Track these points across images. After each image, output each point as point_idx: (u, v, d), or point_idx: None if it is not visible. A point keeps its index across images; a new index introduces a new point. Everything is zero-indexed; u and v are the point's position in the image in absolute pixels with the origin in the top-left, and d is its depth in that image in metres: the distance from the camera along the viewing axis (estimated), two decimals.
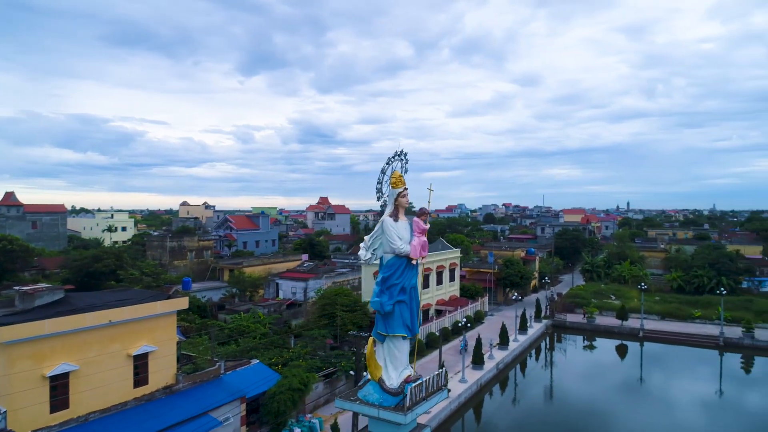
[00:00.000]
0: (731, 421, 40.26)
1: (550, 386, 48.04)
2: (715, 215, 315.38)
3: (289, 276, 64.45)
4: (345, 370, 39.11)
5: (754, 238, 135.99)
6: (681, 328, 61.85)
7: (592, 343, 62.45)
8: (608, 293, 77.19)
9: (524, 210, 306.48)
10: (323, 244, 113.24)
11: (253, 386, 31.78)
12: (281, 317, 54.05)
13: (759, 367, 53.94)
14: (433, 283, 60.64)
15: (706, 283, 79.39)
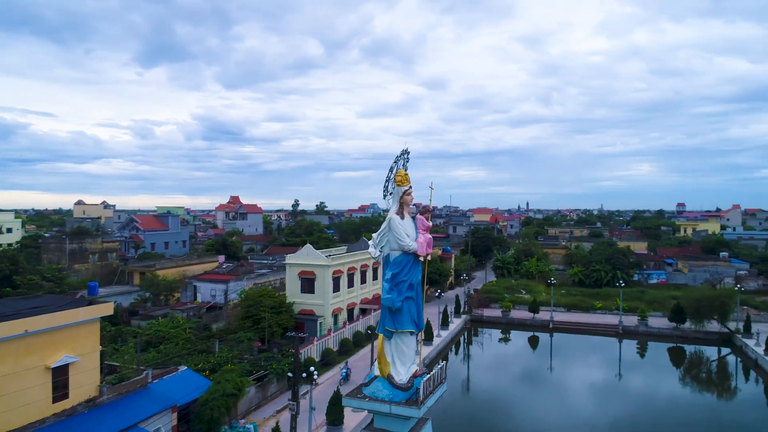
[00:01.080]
0: (629, 401, 44.18)
1: (467, 378, 49.99)
2: (603, 215, 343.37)
3: (207, 278, 61.78)
4: (276, 372, 38.23)
5: (639, 235, 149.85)
6: (585, 318, 66.91)
7: (507, 336, 65.79)
8: (519, 288, 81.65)
9: (434, 210, 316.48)
10: (237, 244, 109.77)
11: (184, 394, 30.20)
12: (201, 321, 51.74)
13: (651, 351, 59.57)
14: (358, 282, 60.86)
15: (603, 277, 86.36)
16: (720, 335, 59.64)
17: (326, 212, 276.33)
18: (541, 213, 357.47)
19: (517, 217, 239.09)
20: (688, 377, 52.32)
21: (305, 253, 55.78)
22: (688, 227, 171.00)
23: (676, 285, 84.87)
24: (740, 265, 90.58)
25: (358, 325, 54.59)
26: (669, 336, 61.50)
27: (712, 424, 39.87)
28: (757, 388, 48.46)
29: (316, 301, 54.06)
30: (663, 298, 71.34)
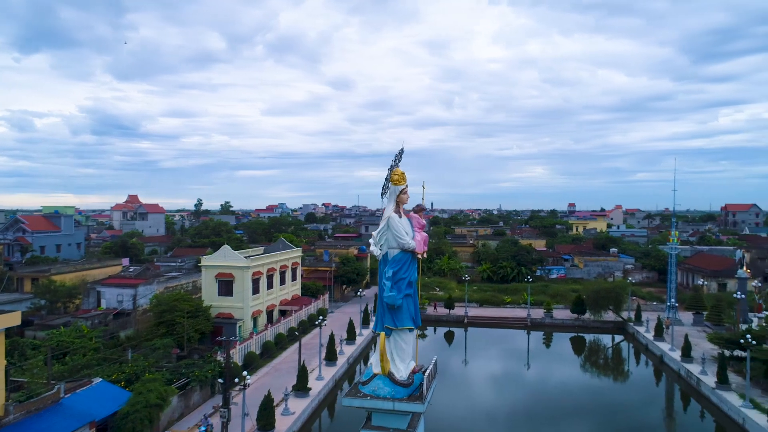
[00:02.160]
0: (535, 388, 47.11)
1: None
2: (503, 214, 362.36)
3: (113, 283, 57.40)
4: (199, 379, 36.47)
5: (538, 233, 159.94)
6: (497, 312, 70.35)
7: (423, 332, 67.45)
8: (433, 286, 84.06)
9: (343, 210, 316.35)
10: (138, 246, 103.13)
11: (102, 408, 28.00)
12: (109, 329, 48.02)
13: (556, 341, 63.86)
14: (277, 283, 59.58)
15: (509, 273, 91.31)
16: (615, 324, 65.36)
17: (232, 212, 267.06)
18: (446, 213, 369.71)
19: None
20: (588, 363, 56.68)
21: (223, 255, 53.66)
22: (580, 225, 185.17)
23: (573, 279, 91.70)
24: (627, 259, 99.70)
25: (280, 327, 53.47)
26: (571, 326, 66.37)
27: (610, 404, 43.46)
28: (647, 370, 53.57)
29: (235, 304, 52.22)
30: (564, 291, 76.81)
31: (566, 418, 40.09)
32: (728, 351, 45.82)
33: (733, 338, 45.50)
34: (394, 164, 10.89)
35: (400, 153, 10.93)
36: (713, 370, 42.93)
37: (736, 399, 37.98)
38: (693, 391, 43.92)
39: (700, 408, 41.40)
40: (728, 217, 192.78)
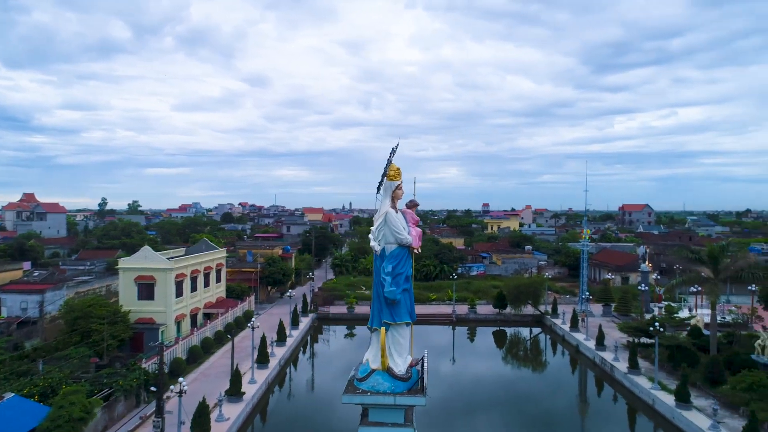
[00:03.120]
0: (459, 381, 48.25)
1: (312, 379, 49.78)
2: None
3: (15, 288, 52.31)
4: (124, 389, 34.18)
5: (455, 232, 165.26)
6: (423, 310, 71.68)
7: (352, 331, 67.52)
8: (360, 285, 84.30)
9: (260, 209, 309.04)
10: (38, 249, 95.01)
11: (17, 425, 25.53)
12: (12, 339, 43.78)
13: (479, 335, 66.30)
14: (201, 285, 57.19)
15: (432, 271, 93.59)
16: (534, 317, 69.00)
17: (141, 212, 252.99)
18: (365, 213, 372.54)
19: (345, 216, 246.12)
20: (509, 355, 59.45)
21: (143, 256, 50.67)
22: (494, 225, 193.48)
23: (492, 276, 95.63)
24: (540, 256, 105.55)
25: (206, 331, 51.34)
26: (494, 320, 69.26)
27: (530, 392, 45.70)
28: (564, 359, 57.01)
29: (157, 308, 49.55)
30: (486, 287, 79.93)
31: (486, 408, 41.35)
32: (636, 338, 49.88)
33: (640, 327, 49.58)
34: (389, 160, 10.89)
35: (395, 149, 10.96)
36: (625, 356, 46.51)
37: (646, 382, 41.36)
38: (607, 377, 47.34)
39: (613, 392, 44.69)
40: (625, 217, 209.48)
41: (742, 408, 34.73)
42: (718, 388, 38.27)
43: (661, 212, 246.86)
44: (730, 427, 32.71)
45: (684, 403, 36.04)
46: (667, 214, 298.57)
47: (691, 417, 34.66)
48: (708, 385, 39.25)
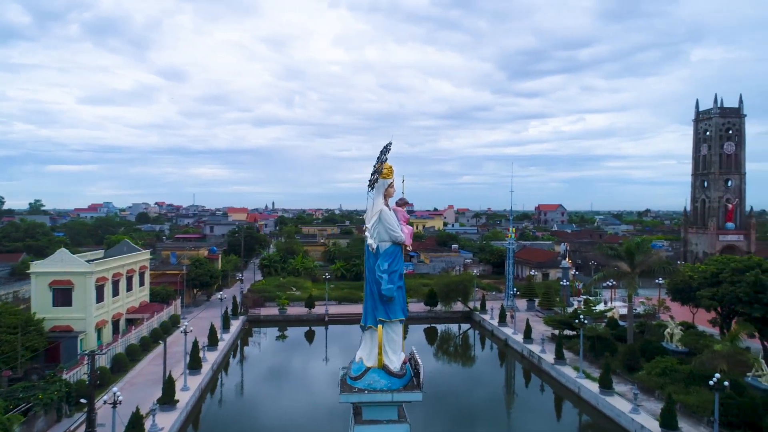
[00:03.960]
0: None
1: (241, 383, 48.78)
2: (345, 213, 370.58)
3: None
4: (44, 403, 31.55)
5: None
6: (355, 309, 71.79)
7: (284, 333, 66.37)
8: (289, 285, 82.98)
9: (179, 209, 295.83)
10: None
11: None
12: None
13: (411, 332, 67.23)
14: (123, 289, 53.95)
15: (363, 270, 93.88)
16: (463, 313, 71.14)
17: (45, 212, 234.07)
18: (288, 212, 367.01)
19: (269, 216, 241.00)
20: (440, 351, 60.99)
21: (59, 260, 47.02)
22: (419, 224, 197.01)
23: (421, 274, 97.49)
24: (466, 254, 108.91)
25: (131, 338, 48.48)
26: (425, 318, 70.69)
27: (461, 386, 47.12)
28: (494, 353, 59.29)
29: (76, 315, 46.18)
30: (416, 285, 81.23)
31: (418, 404, 42.20)
32: (560, 331, 52.83)
33: (564, 320, 52.54)
34: (384, 158, 10.86)
35: (388, 147, 10.94)
36: (551, 348, 49.10)
37: (571, 372, 43.93)
38: (535, 368, 49.77)
39: (541, 382, 47.10)
40: (541, 216, 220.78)
41: (657, 391, 37.79)
42: (635, 374, 41.37)
43: (572, 212, 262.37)
44: (648, 409, 35.48)
45: (607, 389, 38.68)
46: (577, 213, 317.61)
47: (613, 402, 37.25)
48: (626, 372, 42.34)
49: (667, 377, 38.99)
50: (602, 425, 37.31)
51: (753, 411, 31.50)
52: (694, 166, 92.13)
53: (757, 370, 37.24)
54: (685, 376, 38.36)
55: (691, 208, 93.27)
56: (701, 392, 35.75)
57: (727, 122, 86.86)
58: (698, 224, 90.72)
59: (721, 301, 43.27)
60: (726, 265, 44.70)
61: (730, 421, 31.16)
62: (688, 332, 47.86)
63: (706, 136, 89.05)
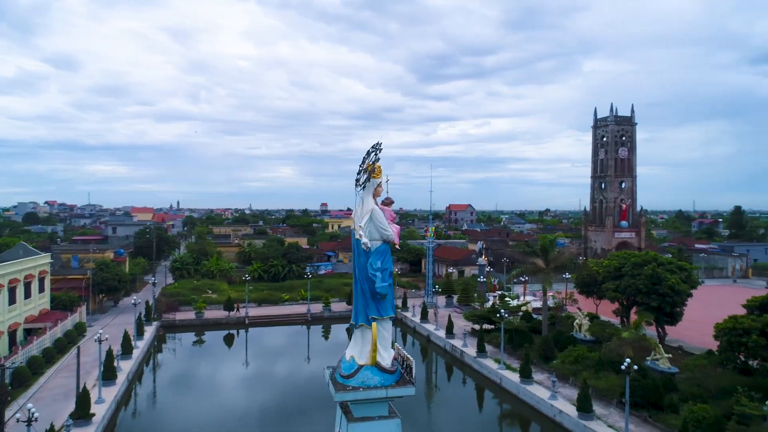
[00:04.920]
0: (316, 381, 47.16)
1: (154, 393, 46.07)
2: (255, 213, 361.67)
3: None
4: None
5: (296, 231, 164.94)
6: (277, 310, 70.69)
7: (202, 338, 63.73)
8: (205, 288, 79.82)
9: (73, 209, 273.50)
10: None
11: None
12: None
13: (334, 332, 67.46)
14: (21, 297, 49.25)
15: (281, 271, 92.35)
16: None
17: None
18: (196, 212, 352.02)
19: (175, 216, 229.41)
20: None
21: None
22: (335, 224, 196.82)
23: (340, 273, 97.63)
24: None
25: (33, 349, 44.30)
26: (348, 317, 70.21)
27: None
28: (416, 349, 60.69)
29: None
30: (338, 285, 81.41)
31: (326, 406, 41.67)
32: (480, 325, 55.20)
33: (483, 315, 54.97)
34: (376, 158, 10.92)
35: (379, 147, 10.97)
36: (472, 342, 51.21)
37: (492, 364, 46.10)
38: (458, 362, 51.66)
39: (464, 375, 49.02)
40: (452, 216, 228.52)
41: (571, 378, 40.70)
42: (551, 363, 44.26)
43: (480, 211, 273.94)
44: (564, 395, 38.11)
45: (527, 379, 41.07)
46: (485, 213, 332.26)
47: (533, 390, 39.64)
48: (542, 362, 45.15)
49: (579, 364, 42.11)
50: (523, 412, 39.59)
51: (655, 391, 34.87)
52: (593, 169, 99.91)
53: (656, 354, 41.23)
54: (594, 363, 41.67)
55: (591, 208, 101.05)
56: (609, 377, 39.08)
57: (621, 129, 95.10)
58: (597, 222, 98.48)
59: (623, 292, 47.41)
60: (627, 260, 49.01)
61: (636, 402, 34.19)
62: (594, 322, 51.93)
63: (603, 142, 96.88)
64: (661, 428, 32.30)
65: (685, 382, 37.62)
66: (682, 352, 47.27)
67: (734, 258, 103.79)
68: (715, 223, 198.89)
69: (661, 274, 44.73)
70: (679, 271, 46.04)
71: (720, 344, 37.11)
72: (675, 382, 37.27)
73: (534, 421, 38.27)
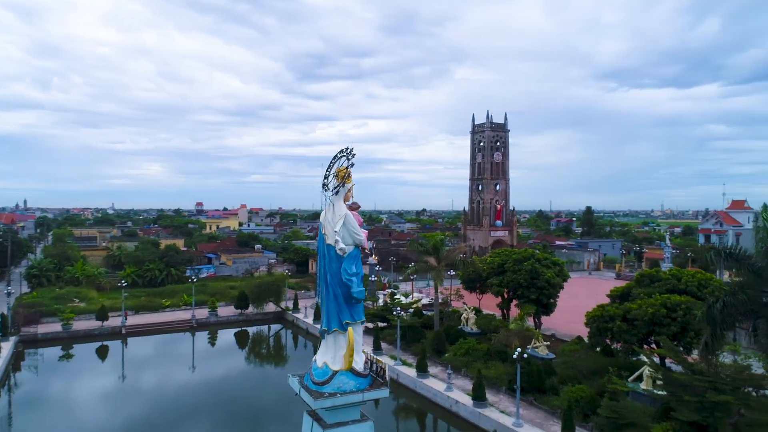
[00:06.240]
0: (204, 390, 46.06)
1: (9, 417, 40.71)
2: (120, 213, 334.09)
3: None
4: None
5: (170, 232, 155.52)
6: (157, 318, 66.04)
7: (70, 352, 57.58)
8: (70, 297, 72.16)
9: None
10: None
11: None
12: None
13: (221, 338, 64.65)
14: None
15: (158, 275, 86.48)
16: (275, 314, 70.62)
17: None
18: (48, 212, 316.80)
19: (25, 217, 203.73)
20: (252, 354, 59.98)
21: None
22: (213, 224, 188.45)
23: (224, 276, 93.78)
24: (270, 254, 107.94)
25: None
26: (236, 321, 68.27)
27: (271, 388, 47.19)
28: (307, 350, 60.23)
29: None
30: (223, 288, 78.08)
31: (212, 413, 40.15)
32: (374, 323, 56.28)
33: (377, 313, 56.13)
34: (336, 162, 10.78)
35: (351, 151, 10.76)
36: (368, 341, 51.92)
37: (389, 360, 47.24)
38: None
39: None
40: None
41: (464, 369, 43.14)
42: (443, 357, 46.51)
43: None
44: (459, 386, 40.34)
45: (423, 373, 42.79)
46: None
47: (429, 383, 41.43)
48: (436, 355, 47.26)
49: (470, 356, 44.78)
50: (421, 405, 41.21)
51: (538, 376, 38.25)
52: (471, 172, 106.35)
53: (536, 343, 45.12)
54: (483, 354, 44.59)
55: (470, 208, 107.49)
56: (498, 366, 42.09)
57: (496, 135, 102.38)
58: (475, 222, 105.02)
59: (506, 286, 51.23)
60: (509, 256, 53.03)
61: (523, 387, 37.14)
62: (480, 316, 55.43)
63: (480, 147, 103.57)
64: (545, 409, 35.52)
65: (561, 366, 41.60)
66: (555, 340, 52.23)
67: (589, 253, 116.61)
68: (570, 222, 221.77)
69: (539, 269, 49.07)
70: (554, 266, 50.86)
71: (590, 330, 41.64)
72: (553, 367, 41.10)
73: (431, 413, 40.03)
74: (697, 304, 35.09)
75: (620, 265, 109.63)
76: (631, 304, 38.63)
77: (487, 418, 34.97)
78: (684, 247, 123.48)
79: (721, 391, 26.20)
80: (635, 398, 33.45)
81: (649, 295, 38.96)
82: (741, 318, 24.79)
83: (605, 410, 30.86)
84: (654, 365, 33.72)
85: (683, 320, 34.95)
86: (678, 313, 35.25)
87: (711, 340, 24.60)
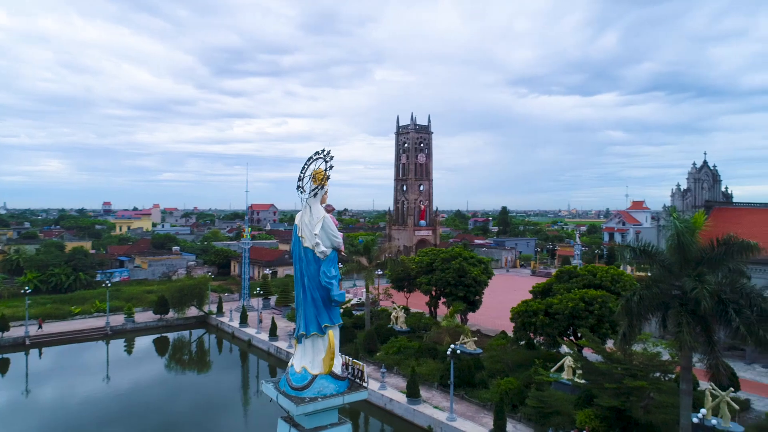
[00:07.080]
0: (117, 401, 43.31)
1: None
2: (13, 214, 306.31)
3: None
4: None
5: (75, 233, 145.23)
6: (66, 326, 61.37)
7: None
8: None
9: None
10: None
11: None
12: None
13: (139, 345, 61.17)
14: None
15: (65, 281, 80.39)
16: (198, 318, 67.83)
17: None
18: None
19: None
20: (173, 361, 57.29)
21: None
22: (123, 225, 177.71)
23: (139, 280, 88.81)
24: (189, 256, 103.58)
25: None
26: (155, 327, 64.82)
27: (195, 394, 45.91)
28: (235, 355, 58.50)
29: None
30: (139, 293, 73.86)
31: (124, 425, 38.20)
32: None
33: None
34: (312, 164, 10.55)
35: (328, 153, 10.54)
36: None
37: None
38: (283, 364, 51.30)
39: None
40: (254, 215, 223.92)
41: (395, 367, 43.77)
42: (375, 356, 46.92)
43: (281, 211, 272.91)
44: (392, 384, 40.89)
45: None
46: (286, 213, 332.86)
47: None
48: (367, 355, 47.57)
49: (402, 354, 45.51)
50: (355, 406, 41.29)
51: (468, 371, 39.61)
52: (395, 173, 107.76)
53: (464, 339, 46.66)
54: (415, 351, 45.46)
55: (394, 209, 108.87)
56: (429, 362, 43.11)
57: (420, 137, 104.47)
58: (399, 222, 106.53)
59: (435, 285, 52.53)
60: (437, 255, 54.42)
61: (453, 382, 38.45)
62: (409, 314, 56.42)
63: (405, 148, 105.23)
64: (476, 403, 36.88)
65: (489, 360, 43.31)
66: (481, 335, 54.21)
67: (506, 251, 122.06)
68: (487, 221, 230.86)
69: (466, 267, 50.77)
70: (479, 264, 52.81)
71: (515, 325, 43.68)
72: (482, 362, 42.72)
73: (365, 412, 40.26)
74: (611, 298, 37.97)
75: (535, 262, 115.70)
76: (552, 299, 40.95)
77: (422, 414, 35.73)
78: (590, 244, 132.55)
79: (636, 377, 28.57)
80: (558, 388, 35.56)
81: (568, 290, 41.47)
82: (654, 310, 27.10)
83: (533, 401, 32.63)
84: (575, 356, 36.02)
85: (599, 313, 37.57)
86: (595, 307, 37.83)
87: (628, 330, 26.63)
